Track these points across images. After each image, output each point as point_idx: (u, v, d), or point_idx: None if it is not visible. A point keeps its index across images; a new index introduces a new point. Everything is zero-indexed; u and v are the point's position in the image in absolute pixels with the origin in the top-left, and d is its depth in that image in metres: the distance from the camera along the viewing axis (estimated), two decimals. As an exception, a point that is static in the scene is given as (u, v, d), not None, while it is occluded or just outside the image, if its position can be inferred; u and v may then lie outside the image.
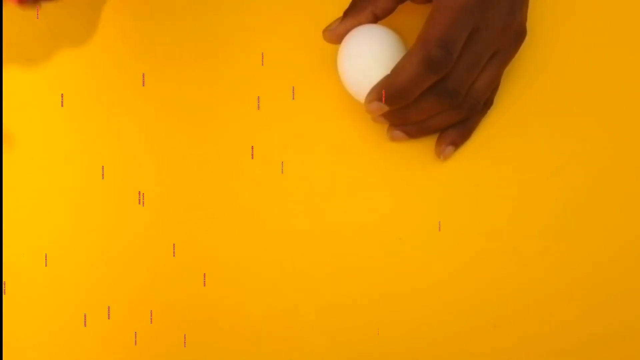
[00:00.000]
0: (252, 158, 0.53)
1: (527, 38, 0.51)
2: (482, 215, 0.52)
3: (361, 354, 0.51)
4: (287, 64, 0.54)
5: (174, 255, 0.52)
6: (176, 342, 0.51)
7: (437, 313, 0.51)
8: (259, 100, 0.54)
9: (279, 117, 0.53)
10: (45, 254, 0.52)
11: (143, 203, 0.53)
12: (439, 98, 0.49)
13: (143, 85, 0.54)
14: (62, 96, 0.54)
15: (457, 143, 0.52)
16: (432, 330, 0.51)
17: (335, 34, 0.51)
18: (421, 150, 0.53)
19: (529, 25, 0.51)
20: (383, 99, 0.48)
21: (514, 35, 0.50)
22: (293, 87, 0.54)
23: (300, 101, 0.54)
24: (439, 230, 0.52)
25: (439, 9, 0.47)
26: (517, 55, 0.51)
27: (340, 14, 0.51)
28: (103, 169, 0.53)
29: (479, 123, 0.53)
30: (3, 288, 0.52)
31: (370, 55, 0.49)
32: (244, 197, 0.53)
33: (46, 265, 0.52)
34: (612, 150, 0.52)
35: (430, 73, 0.47)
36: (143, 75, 0.54)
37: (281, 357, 0.51)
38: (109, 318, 0.52)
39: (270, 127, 0.53)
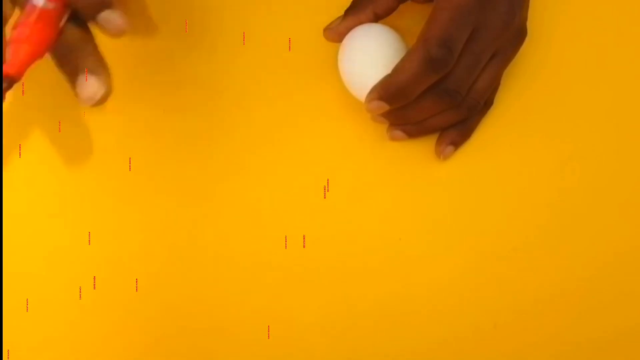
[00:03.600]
0: (251, 158, 0.53)
1: (527, 38, 0.51)
2: (482, 215, 0.52)
3: (361, 354, 0.51)
4: (287, 63, 0.54)
5: (175, 260, 0.52)
6: (180, 347, 0.51)
7: (437, 313, 0.51)
8: (259, 99, 0.54)
9: (278, 117, 0.53)
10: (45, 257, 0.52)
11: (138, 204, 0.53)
12: (439, 98, 0.49)
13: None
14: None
15: (457, 143, 0.52)
16: (432, 330, 0.51)
17: (336, 32, 0.51)
18: (421, 150, 0.53)
19: (529, 25, 0.51)
20: (383, 98, 0.48)
21: (514, 35, 0.50)
22: (293, 86, 0.54)
23: (301, 100, 0.53)
24: (438, 231, 0.52)
25: (440, 9, 0.47)
26: (517, 55, 0.51)
27: (341, 13, 0.51)
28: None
29: (479, 123, 0.53)
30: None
31: (371, 55, 0.49)
32: (243, 197, 0.52)
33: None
34: (612, 150, 0.52)
35: (431, 72, 0.47)
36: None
37: (281, 358, 0.51)
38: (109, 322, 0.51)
39: (269, 127, 0.53)
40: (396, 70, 0.48)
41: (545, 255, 0.51)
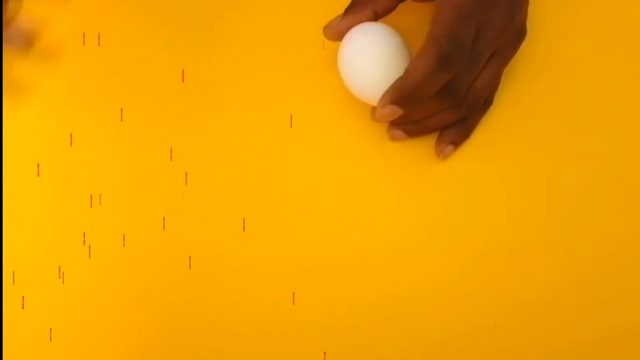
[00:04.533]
0: (251, 157, 0.53)
1: (527, 38, 0.51)
2: (482, 215, 0.52)
3: (361, 354, 0.50)
4: (287, 62, 0.54)
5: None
6: (179, 346, 0.51)
7: (437, 313, 0.51)
8: (257, 99, 0.53)
9: (278, 116, 0.53)
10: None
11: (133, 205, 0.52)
12: (440, 97, 0.49)
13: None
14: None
15: (457, 142, 0.52)
16: (432, 330, 0.51)
17: (336, 31, 0.50)
18: (421, 149, 0.53)
19: (529, 25, 0.51)
20: (396, 101, 0.48)
21: (513, 34, 0.50)
22: (294, 86, 0.53)
23: (300, 99, 0.53)
24: (438, 231, 0.52)
25: (443, 8, 0.47)
26: (517, 55, 0.51)
27: (341, 12, 0.50)
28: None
29: (479, 122, 0.52)
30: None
31: (371, 54, 0.49)
32: (243, 197, 0.52)
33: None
34: (612, 149, 0.52)
35: (444, 70, 0.47)
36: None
37: (282, 358, 0.50)
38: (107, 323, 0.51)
39: (269, 126, 0.53)
40: (408, 71, 0.48)
41: (545, 255, 0.51)
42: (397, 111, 0.48)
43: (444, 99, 0.49)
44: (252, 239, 0.52)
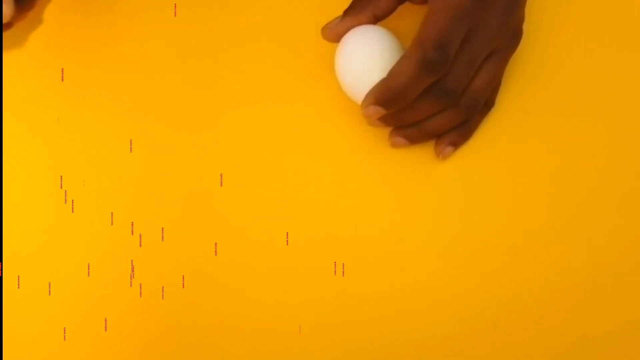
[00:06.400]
0: (250, 159, 0.53)
1: (527, 38, 0.51)
2: (482, 215, 0.52)
3: (361, 354, 0.51)
4: (285, 64, 0.54)
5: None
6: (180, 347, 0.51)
7: (437, 313, 0.51)
8: (256, 100, 0.54)
9: (276, 118, 0.53)
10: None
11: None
12: (437, 98, 0.49)
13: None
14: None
15: (457, 143, 0.52)
16: (432, 330, 0.51)
17: (334, 32, 0.50)
18: (421, 150, 0.53)
19: (529, 25, 0.51)
20: (380, 102, 0.48)
21: (511, 34, 0.50)
22: (290, 87, 0.54)
23: (298, 101, 0.53)
24: (438, 231, 0.52)
25: (435, 10, 0.47)
26: (517, 56, 0.51)
27: (340, 13, 0.51)
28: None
29: (480, 123, 0.53)
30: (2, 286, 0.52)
31: (368, 57, 0.49)
32: (242, 198, 0.53)
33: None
34: (612, 150, 0.52)
35: (427, 74, 0.47)
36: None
37: (281, 358, 0.51)
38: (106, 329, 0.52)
39: (267, 128, 0.53)
40: (392, 73, 0.48)
41: (545, 255, 0.51)
42: (380, 111, 0.49)
43: (440, 101, 0.49)
44: (253, 239, 0.52)
